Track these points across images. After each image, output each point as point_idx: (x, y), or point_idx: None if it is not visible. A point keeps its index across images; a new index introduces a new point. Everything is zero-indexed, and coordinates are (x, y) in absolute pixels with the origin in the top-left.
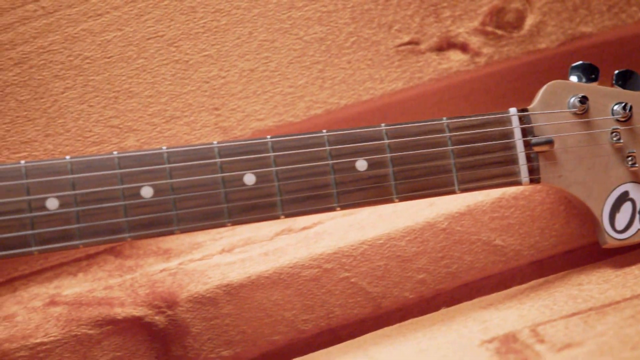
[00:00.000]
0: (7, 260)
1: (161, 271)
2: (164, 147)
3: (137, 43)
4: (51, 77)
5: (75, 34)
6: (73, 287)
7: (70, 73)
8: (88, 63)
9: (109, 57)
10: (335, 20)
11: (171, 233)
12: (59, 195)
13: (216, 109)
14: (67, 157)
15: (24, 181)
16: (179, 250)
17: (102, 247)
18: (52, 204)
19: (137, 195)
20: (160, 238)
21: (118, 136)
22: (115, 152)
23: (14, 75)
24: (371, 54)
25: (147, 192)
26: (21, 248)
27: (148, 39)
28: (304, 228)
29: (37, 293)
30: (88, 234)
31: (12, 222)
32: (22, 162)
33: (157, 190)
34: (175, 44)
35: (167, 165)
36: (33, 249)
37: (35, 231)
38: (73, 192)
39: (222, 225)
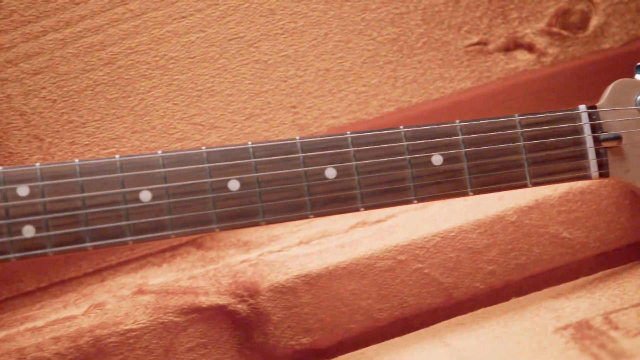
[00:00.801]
0: (96, 252)
1: (242, 262)
2: (250, 143)
3: (219, 44)
4: (138, 76)
5: (161, 35)
6: (158, 277)
7: (156, 73)
8: (173, 63)
9: (192, 58)
10: (407, 21)
11: (257, 224)
12: (152, 188)
13: (293, 107)
14: (159, 152)
15: (119, 175)
16: (258, 243)
17: (184, 239)
18: (146, 196)
19: (225, 188)
20: (240, 230)
21: (201, 133)
22: (203, 147)
23: (103, 75)
24: (441, 54)
25: (234, 185)
26: (117, 238)
27: (229, 40)
28: (378, 221)
29: (125, 282)
30: (179, 225)
31: (109, 214)
32: (117, 156)
33: (244, 184)
34: (255, 45)
35: (252, 160)
36: (128, 238)
37: (130, 222)
38: (165, 185)
39: (305, 217)
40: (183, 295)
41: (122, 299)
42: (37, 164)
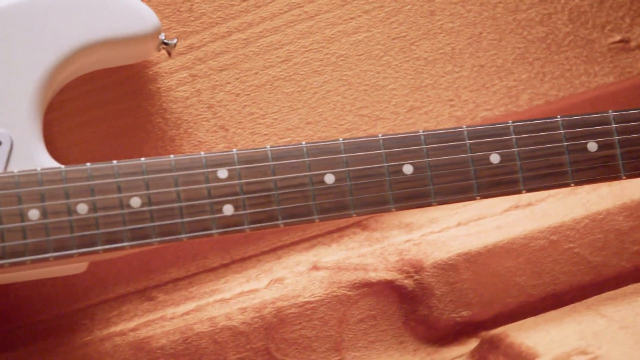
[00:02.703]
0: (272, 232)
1: (406, 242)
2: (421, 131)
3: (383, 42)
4: (311, 72)
5: (332, 35)
6: (329, 255)
7: (327, 69)
8: (342, 60)
9: (359, 55)
10: (555, 21)
11: (429, 205)
12: (335, 171)
13: (450, 100)
14: (340, 139)
15: (306, 159)
16: (419, 224)
17: (351, 221)
18: (330, 178)
19: (400, 172)
20: (402, 213)
21: (367, 124)
22: (380, 135)
23: (281, 71)
24: (586, 51)
25: (407, 169)
26: (305, 216)
27: (393, 39)
28: (529, 204)
29: (300, 260)
30: (359, 205)
31: (297, 194)
32: (303, 143)
33: (416, 168)
34: (416, 44)
35: (424, 146)
36: (315, 217)
37: (317, 202)
38: (346, 169)
39: (472, 198)
40: (354, 271)
41: (299, 274)
42: (234, 150)
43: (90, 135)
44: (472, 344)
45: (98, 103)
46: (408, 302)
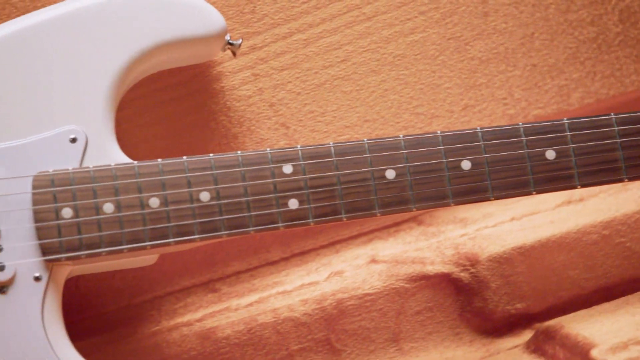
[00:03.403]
0: (331, 226)
1: (461, 236)
2: (479, 128)
3: (439, 43)
4: (369, 71)
5: (389, 35)
6: (387, 249)
7: (384, 68)
8: (399, 60)
9: (415, 55)
10: (605, 22)
11: (487, 199)
12: (396, 167)
13: (504, 98)
14: (401, 135)
15: (367, 155)
16: (474, 219)
17: (407, 216)
18: (390, 174)
19: (458, 167)
20: (456, 208)
21: (423, 122)
22: (439, 132)
23: (340, 70)
24: (636, 50)
25: (466, 164)
26: (368, 211)
27: (448, 39)
28: (581, 200)
29: (358, 254)
30: (419, 200)
31: (360, 189)
32: (365, 139)
33: (474, 164)
34: (470, 44)
35: (482, 143)
36: (377, 211)
37: (378, 197)
38: (406, 165)
39: (528, 193)
40: (412, 264)
41: (358, 267)
42: (298, 146)
43: (157, 133)
44: (527, 335)
45: (164, 101)
46: (464, 294)
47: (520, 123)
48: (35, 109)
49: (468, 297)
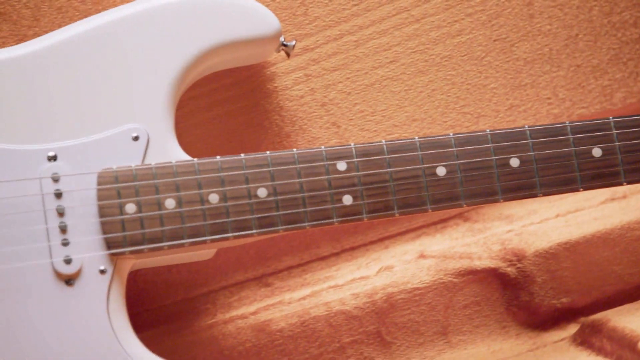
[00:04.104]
0: (379, 223)
1: (507, 232)
2: (527, 126)
3: (485, 44)
4: (417, 72)
5: (437, 36)
6: (434, 245)
7: (432, 69)
8: (446, 61)
9: (462, 56)
10: None
11: (535, 196)
12: (446, 164)
13: (548, 98)
14: (451, 133)
15: (419, 153)
16: (519, 216)
17: (453, 212)
18: (441, 171)
19: (507, 165)
20: (502, 205)
21: (469, 121)
22: (488, 130)
23: (389, 71)
24: None
25: (514, 162)
26: (419, 206)
27: (494, 40)
28: (624, 197)
29: (407, 249)
30: (469, 196)
31: (411, 185)
32: (416, 137)
33: (523, 161)
34: (516, 45)
35: (529, 141)
36: (428, 207)
37: (430, 193)
38: (457, 162)
39: (576, 190)
40: (459, 259)
41: (407, 262)
42: (352, 144)
43: (212, 132)
44: (572, 328)
45: (220, 101)
46: (510, 289)
47: (567, 121)
48: (99, 108)
49: (514, 292)
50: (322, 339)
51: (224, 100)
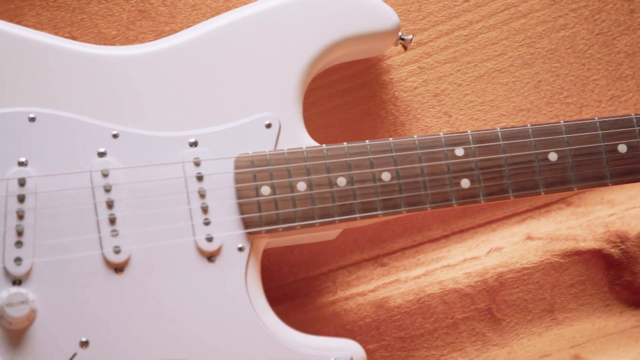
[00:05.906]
0: (487, 206)
1: (610, 215)
2: (633, 114)
3: (587, 38)
4: (523, 64)
5: (542, 31)
6: (540, 227)
7: (538, 61)
8: (551, 54)
9: (566, 49)
10: None
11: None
12: (558, 150)
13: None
14: (561, 121)
15: (531, 139)
16: (620, 200)
17: (556, 197)
18: (553, 156)
19: (615, 151)
20: (604, 190)
21: (573, 111)
22: (596, 118)
23: (497, 64)
24: None
25: (622, 148)
26: (533, 190)
27: (596, 34)
28: None
29: (514, 232)
30: (580, 180)
31: (525, 170)
32: (529, 125)
33: (630, 147)
34: (617, 38)
35: (636, 128)
36: (541, 190)
37: (542, 177)
38: (567, 148)
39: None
40: (565, 241)
41: (515, 244)
42: (469, 131)
43: (333, 120)
44: None
45: (339, 92)
46: (614, 269)
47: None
48: (234, 98)
49: (618, 272)
50: (436, 315)
51: (343, 91)
